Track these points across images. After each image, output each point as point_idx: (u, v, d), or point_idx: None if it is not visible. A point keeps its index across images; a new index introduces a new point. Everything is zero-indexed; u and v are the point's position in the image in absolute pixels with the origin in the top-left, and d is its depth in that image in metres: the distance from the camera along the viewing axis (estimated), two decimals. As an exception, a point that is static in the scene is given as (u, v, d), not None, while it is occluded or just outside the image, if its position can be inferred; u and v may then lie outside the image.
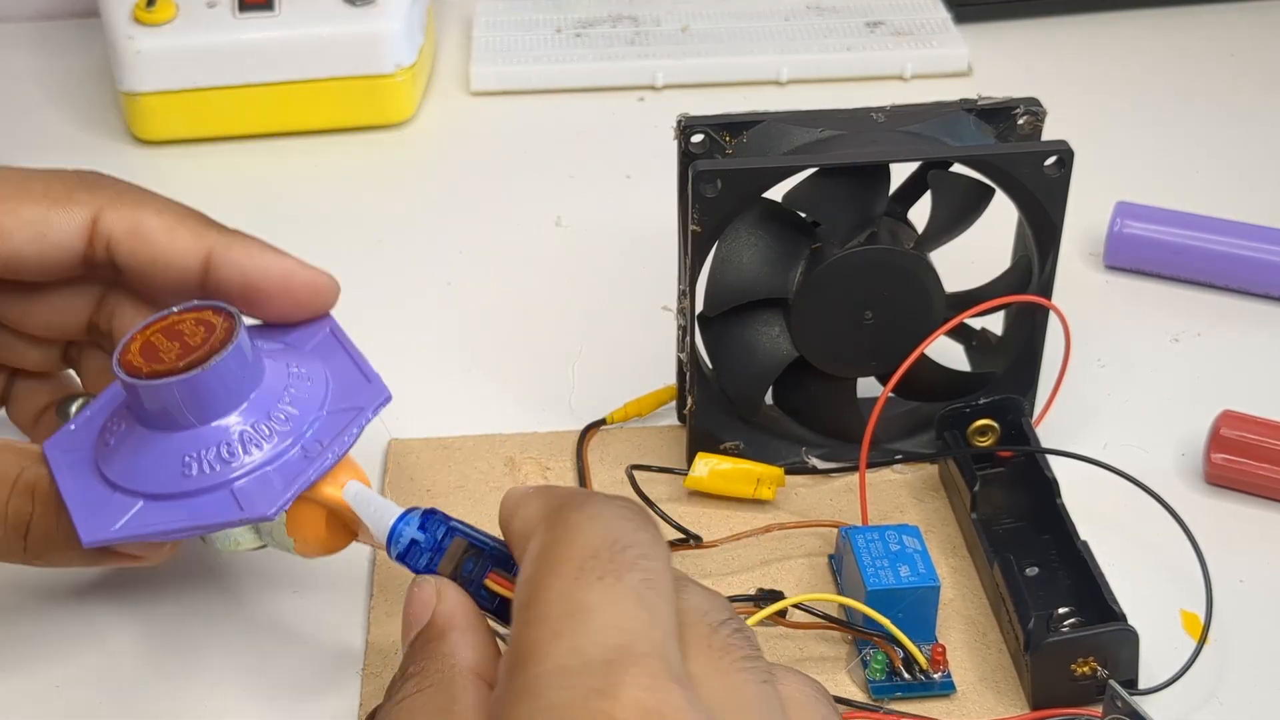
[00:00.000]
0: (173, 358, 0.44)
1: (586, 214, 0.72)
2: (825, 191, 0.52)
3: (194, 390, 0.43)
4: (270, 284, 0.49)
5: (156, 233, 0.48)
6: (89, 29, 0.86)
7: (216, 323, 0.44)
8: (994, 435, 0.55)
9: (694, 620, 0.34)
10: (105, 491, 0.44)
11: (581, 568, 0.33)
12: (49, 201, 0.48)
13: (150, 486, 0.44)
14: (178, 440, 0.44)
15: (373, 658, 0.49)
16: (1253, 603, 0.51)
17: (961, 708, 0.47)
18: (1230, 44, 0.85)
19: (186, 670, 0.49)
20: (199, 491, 0.43)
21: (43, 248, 0.48)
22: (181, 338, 0.44)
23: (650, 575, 0.33)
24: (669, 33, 0.84)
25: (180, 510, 0.43)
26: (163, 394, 0.43)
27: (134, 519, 0.43)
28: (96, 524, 0.43)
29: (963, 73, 0.82)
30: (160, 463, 0.44)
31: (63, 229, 0.48)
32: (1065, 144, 0.51)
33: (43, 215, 0.47)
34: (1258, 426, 0.55)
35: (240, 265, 0.48)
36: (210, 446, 0.44)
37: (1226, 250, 0.65)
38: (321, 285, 0.50)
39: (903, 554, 0.48)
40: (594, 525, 0.34)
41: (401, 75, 0.77)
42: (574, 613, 0.32)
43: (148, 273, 0.49)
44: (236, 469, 0.43)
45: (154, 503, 0.43)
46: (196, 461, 0.43)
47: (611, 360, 0.62)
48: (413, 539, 0.42)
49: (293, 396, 0.45)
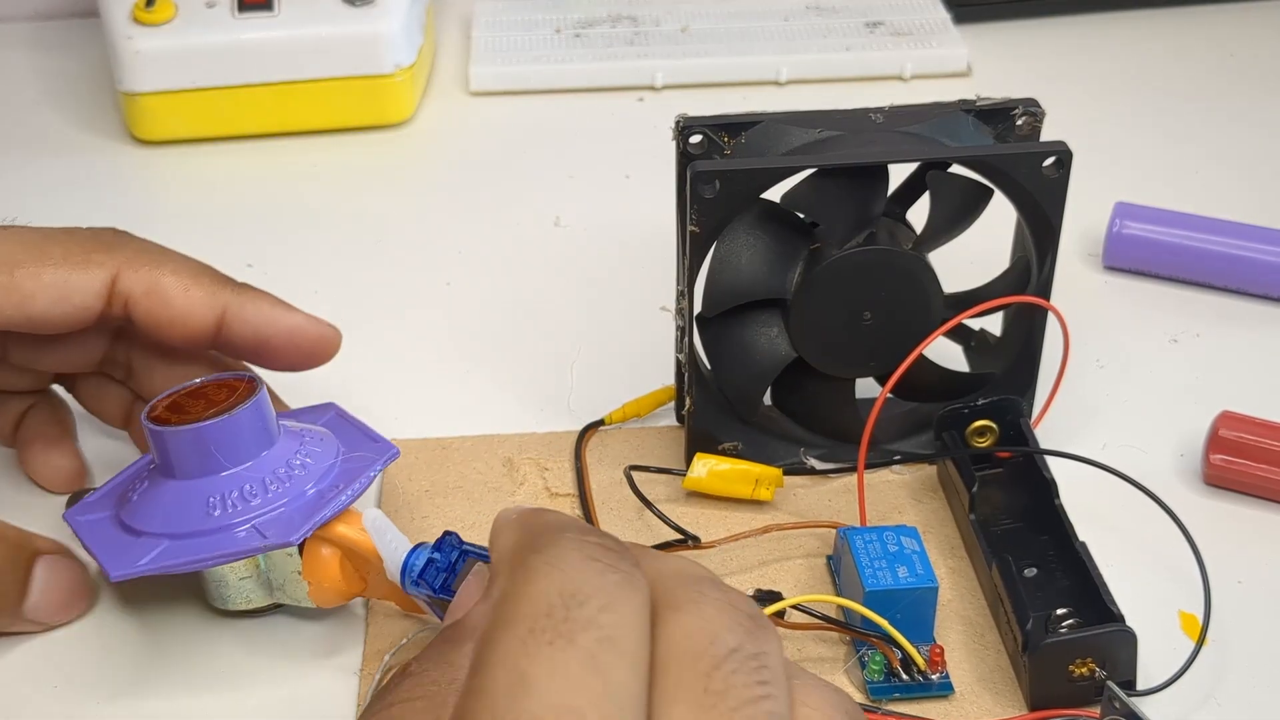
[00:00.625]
0: (199, 410, 0.47)
1: (585, 214, 0.72)
2: (824, 192, 0.52)
3: (223, 433, 0.47)
4: (280, 339, 0.52)
5: (172, 292, 0.50)
6: (88, 29, 0.86)
7: (239, 386, 0.48)
8: (992, 436, 0.55)
9: (689, 660, 0.30)
10: (128, 538, 0.47)
11: (531, 629, 0.30)
12: (69, 265, 0.49)
13: (174, 528, 0.47)
14: (202, 485, 0.47)
15: (370, 660, 0.49)
16: (1251, 604, 0.51)
17: (959, 709, 0.47)
18: (1230, 44, 0.85)
19: (186, 668, 0.49)
20: (222, 529, 0.46)
21: (64, 309, 0.49)
22: (206, 398, 0.48)
23: (609, 632, 0.30)
24: (668, 33, 0.84)
25: (204, 544, 0.46)
26: (195, 437, 0.46)
27: (159, 555, 0.46)
28: (123, 561, 0.46)
29: (962, 73, 0.82)
30: (184, 506, 0.47)
31: (83, 291, 0.49)
32: (1064, 145, 0.51)
33: (64, 278, 0.49)
34: (1256, 427, 0.55)
35: (252, 322, 0.51)
36: (234, 489, 0.47)
37: (1225, 251, 0.65)
38: (326, 338, 0.53)
39: (901, 555, 0.48)
40: (552, 575, 0.31)
41: (401, 75, 0.77)
42: (516, 685, 0.29)
43: (164, 329, 0.51)
44: (257, 508, 0.47)
45: (178, 541, 0.46)
46: (220, 504, 0.46)
47: (610, 360, 0.62)
48: (430, 558, 0.45)
49: (309, 450, 0.49)
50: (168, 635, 0.50)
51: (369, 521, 0.47)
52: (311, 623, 0.50)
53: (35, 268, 0.49)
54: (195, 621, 0.50)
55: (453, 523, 0.53)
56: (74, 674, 0.49)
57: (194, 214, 0.73)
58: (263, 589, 0.49)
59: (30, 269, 0.49)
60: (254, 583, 0.49)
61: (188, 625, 0.50)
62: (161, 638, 0.50)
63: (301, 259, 0.69)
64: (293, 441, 0.49)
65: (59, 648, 0.50)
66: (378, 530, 0.46)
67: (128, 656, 0.49)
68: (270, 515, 0.47)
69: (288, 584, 0.49)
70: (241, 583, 0.49)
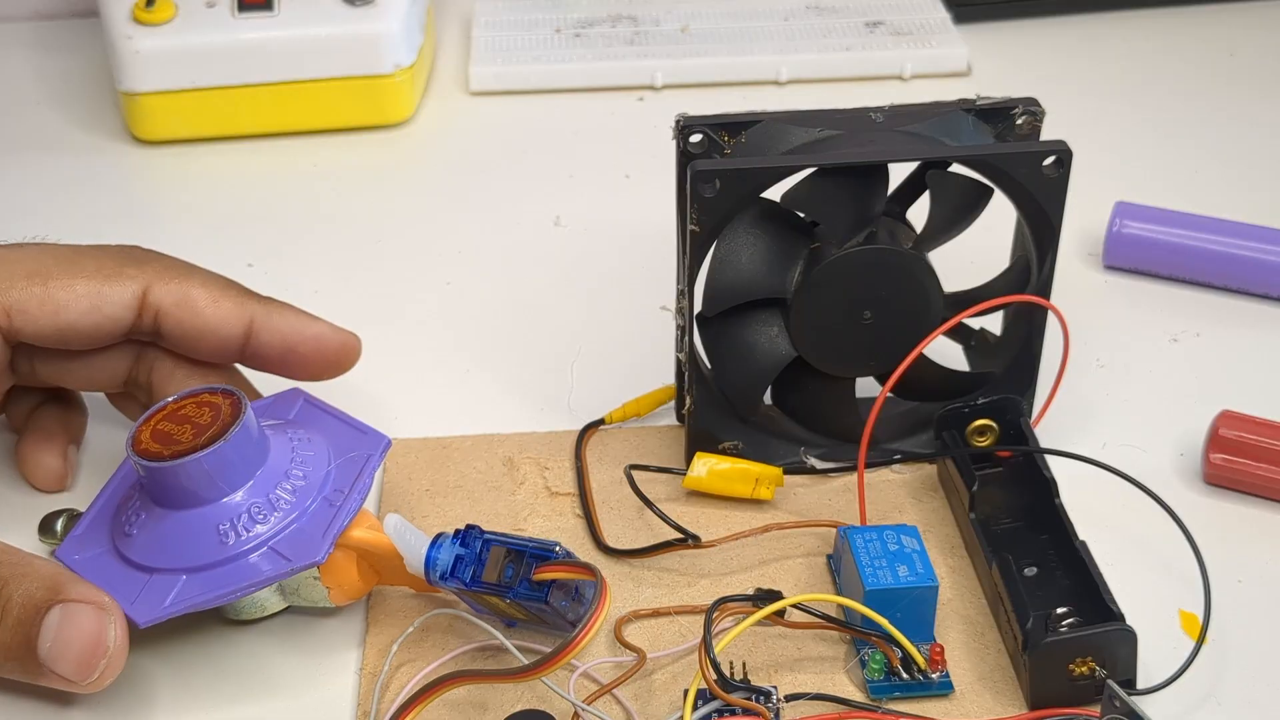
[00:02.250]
0: (189, 438, 0.46)
1: (585, 214, 0.72)
2: (824, 191, 0.52)
3: (223, 459, 0.46)
4: (306, 347, 0.53)
5: (202, 303, 0.52)
6: (88, 28, 0.86)
7: (219, 402, 0.47)
8: (992, 435, 0.55)
9: None
10: (141, 576, 0.46)
11: None
12: (101, 277, 0.51)
13: (190, 561, 0.46)
14: (209, 513, 0.46)
15: (371, 657, 0.49)
16: (1251, 603, 0.51)
17: (959, 707, 0.47)
18: (1229, 44, 0.85)
19: (185, 669, 0.49)
20: (240, 555, 0.46)
21: (96, 320, 0.51)
22: (189, 421, 0.47)
23: None
24: (668, 33, 0.84)
25: (227, 575, 0.46)
26: (195, 468, 0.46)
27: (182, 592, 0.46)
28: (146, 606, 0.46)
29: (962, 73, 0.82)
30: (195, 537, 0.46)
31: (115, 302, 0.51)
32: (1064, 144, 0.51)
33: (96, 289, 0.51)
34: (1256, 426, 0.55)
35: (279, 331, 0.53)
36: (241, 513, 0.46)
37: (1225, 250, 0.65)
38: (349, 345, 0.54)
39: (901, 554, 0.48)
40: None
41: (400, 75, 0.77)
42: None
43: (193, 341, 0.52)
44: (270, 529, 0.46)
45: (197, 575, 0.46)
46: (233, 529, 0.46)
47: (610, 360, 0.62)
48: (457, 555, 0.46)
49: (302, 457, 0.48)
50: (166, 636, 0.50)
51: (391, 528, 0.47)
52: (310, 621, 0.50)
53: (68, 279, 0.51)
54: (194, 624, 0.50)
55: (453, 523, 0.53)
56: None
57: (194, 213, 0.73)
58: (277, 596, 0.49)
59: (63, 280, 0.50)
60: (269, 591, 0.49)
61: (187, 626, 0.50)
62: (160, 639, 0.50)
63: (301, 259, 0.69)
64: (284, 447, 0.48)
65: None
66: (399, 535, 0.47)
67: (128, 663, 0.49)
68: (285, 534, 0.46)
69: (303, 589, 0.49)
70: (256, 593, 0.48)
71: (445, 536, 0.47)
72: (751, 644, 0.49)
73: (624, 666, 0.48)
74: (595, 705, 0.46)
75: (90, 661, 0.45)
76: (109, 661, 0.45)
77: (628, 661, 0.48)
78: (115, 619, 0.45)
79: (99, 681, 0.45)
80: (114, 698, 0.48)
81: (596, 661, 0.48)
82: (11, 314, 0.50)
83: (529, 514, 0.54)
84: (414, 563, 0.47)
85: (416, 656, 0.48)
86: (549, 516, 0.54)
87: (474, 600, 0.48)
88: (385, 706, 0.47)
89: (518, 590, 0.46)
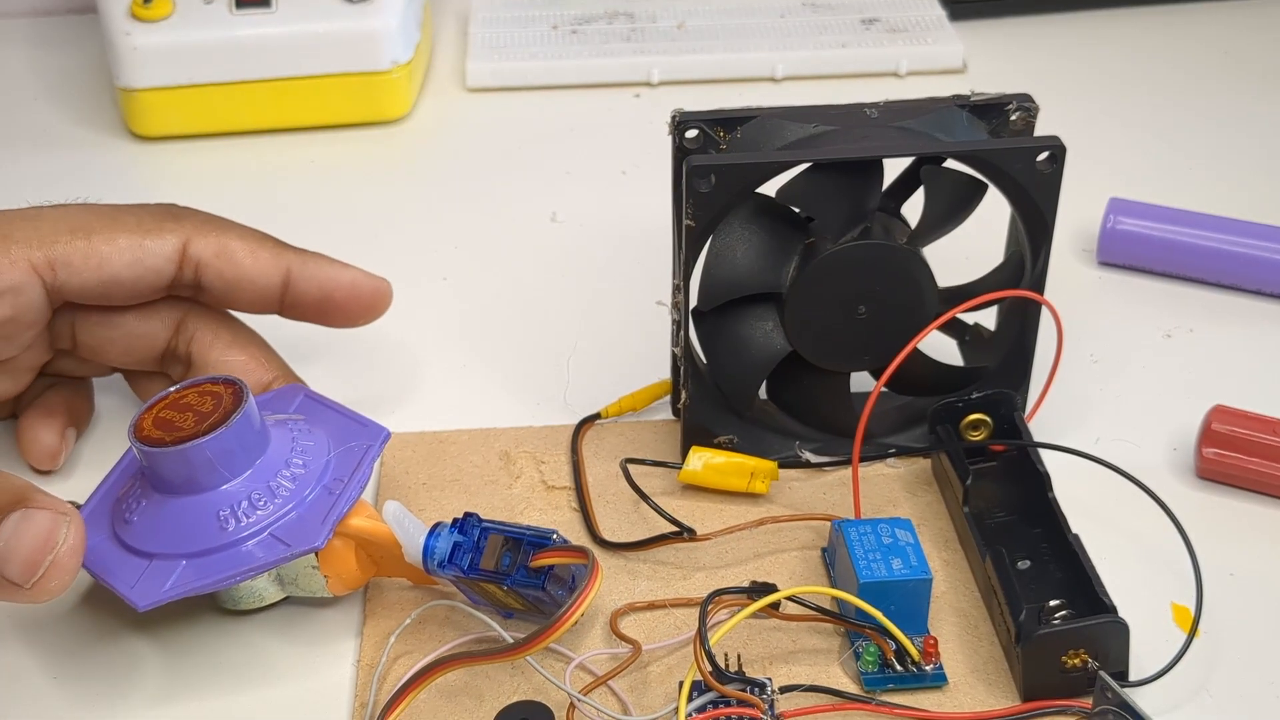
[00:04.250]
0: (190, 425, 0.47)
1: (582, 209, 0.72)
2: (819, 187, 0.52)
3: (224, 445, 0.46)
4: (342, 292, 0.55)
5: (241, 255, 0.53)
6: (86, 25, 0.86)
7: (220, 391, 0.48)
8: (986, 429, 0.55)
9: None
10: (140, 562, 0.47)
11: None
12: (142, 231, 0.52)
13: (189, 546, 0.46)
14: (210, 499, 0.47)
15: (368, 648, 0.49)
16: (1243, 596, 0.51)
17: (953, 699, 0.47)
18: (1223, 42, 0.86)
19: (183, 661, 0.49)
20: (240, 541, 0.46)
21: (139, 272, 0.52)
22: (192, 409, 0.48)
23: None
24: (664, 29, 0.84)
25: (226, 560, 0.46)
26: (197, 454, 0.46)
27: (181, 577, 0.46)
28: (146, 590, 0.46)
29: (957, 69, 0.82)
30: (195, 523, 0.46)
31: (157, 254, 0.53)
32: (1058, 140, 0.51)
33: (139, 243, 0.52)
34: (1249, 421, 0.55)
35: (316, 279, 0.54)
36: (241, 499, 0.47)
37: (1218, 247, 0.65)
38: (382, 290, 0.56)
39: (895, 547, 0.48)
40: None
41: (398, 72, 0.77)
42: None
43: (233, 291, 0.54)
44: (270, 515, 0.47)
45: (196, 560, 0.46)
46: (233, 515, 0.46)
47: (606, 355, 0.62)
48: (455, 542, 0.47)
49: (303, 446, 0.49)
50: (163, 628, 0.50)
51: (389, 515, 0.47)
52: (308, 612, 0.50)
53: (111, 234, 0.52)
54: (192, 614, 0.50)
55: (450, 516, 0.53)
56: (70, 670, 0.49)
57: (192, 209, 0.73)
58: (275, 585, 0.49)
59: (106, 234, 0.52)
60: (266, 580, 0.49)
61: (184, 618, 0.50)
62: (157, 631, 0.50)
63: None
64: (284, 438, 0.49)
65: (55, 642, 0.50)
66: (398, 522, 0.47)
67: (123, 651, 0.49)
68: (285, 520, 0.47)
69: (300, 578, 0.49)
70: (254, 582, 0.49)
71: (443, 525, 0.48)
72: (746, 636, 0.49)
73: (619, 658, 0.48)
74: (591, 696, 0.46)
75: (36, 559, 0.44)
76: (55, 561, 0.44)
77: (623, 653, 0.48)
78: (72, 525, 0.45)
79: (42, 584, 0.44)
80: (112, 687, 0.48)
81: (592, 653, 0.48)
82: (56, 267, 0.51)
83: (525, 508, 0.54)
84: (412, 550, 0.47)
85: (414, 648, 0.49)
86: (545, 510, 0.54)
87: (471, 590, 0.48)
88: (382, 697, 0.47)
89: (514, 577, 0.47)
